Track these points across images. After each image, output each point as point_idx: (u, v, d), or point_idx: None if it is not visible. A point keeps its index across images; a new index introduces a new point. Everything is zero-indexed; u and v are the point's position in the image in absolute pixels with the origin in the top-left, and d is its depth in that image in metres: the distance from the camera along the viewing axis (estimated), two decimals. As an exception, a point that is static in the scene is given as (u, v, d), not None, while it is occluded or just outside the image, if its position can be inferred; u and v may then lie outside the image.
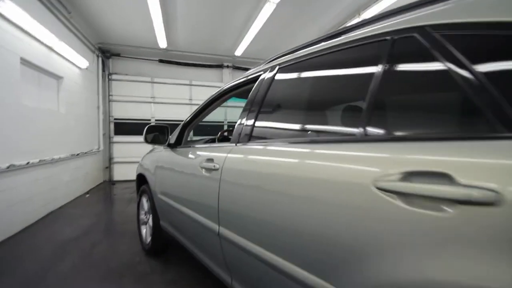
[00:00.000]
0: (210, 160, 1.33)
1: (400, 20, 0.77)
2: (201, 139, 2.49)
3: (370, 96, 0.74)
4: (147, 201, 2.35)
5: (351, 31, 0.95)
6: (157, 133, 1.93)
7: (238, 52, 5.72)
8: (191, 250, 1.59)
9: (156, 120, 6.08)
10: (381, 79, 0.73)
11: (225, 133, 2.32)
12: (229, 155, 1.20)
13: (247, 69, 6.72)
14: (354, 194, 0.65)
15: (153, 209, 2.16)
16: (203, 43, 5.50)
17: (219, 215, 1.19)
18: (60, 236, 2.71)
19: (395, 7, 0.89)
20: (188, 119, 1.90)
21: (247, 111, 1.25)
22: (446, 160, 0.52)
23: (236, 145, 1.23)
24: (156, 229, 2.14)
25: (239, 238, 1.04)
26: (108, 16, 4.38)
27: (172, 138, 1.97)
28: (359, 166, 0.67)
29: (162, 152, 2.08)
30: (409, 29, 0.72)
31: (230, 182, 1.14)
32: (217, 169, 1.23)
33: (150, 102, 6.06)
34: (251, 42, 5.13)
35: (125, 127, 5.91)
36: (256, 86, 1.28)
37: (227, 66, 6.60)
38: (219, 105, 1.78)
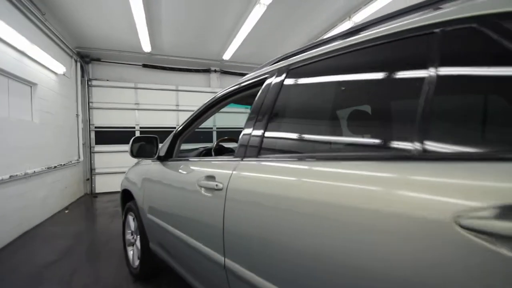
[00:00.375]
0: (211, 177, 1.14)
1: (449, 10, 0.63)
2: (192, 150, 2.29)
3: (425, 101, 0.58)
4: (133, 219, 2.11)
5: (382, 23, 0.80)
6: (144, 144, 1.72)
7: (226, 56, 5.55)
8: (188, 280, 1.38)
9: (141, 127, 5.78)
10: (437, 80, 0.58)
11: (218, 143, 2.13)
12: (235, 172, 1.02)
13: (235, 74, 6.60)
14: (425, 234, 0.49)
15: (141, 229, 1.93)
16: (189, 47, 5.29)
17: (224, 244, 1.00)
18: (35, 261, 2.41)
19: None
20: (180, 128, 1.71)
21: (253, 120, 1.07)
22: None
23: (242, 160, 1.05)
24: (145, 252, 1.91)
25: (254, 276, 0.86)
26: (87, 19, 4.10)
27: (162, 150, 1.76)
28: (428, 195, 0.51)
29: (150, 166, 1.86)
30: (465, 20, 0.58)
31: (238, 206, 0.95)
32: (220, 189, 1.04)
33: (134, 109, 5.76)
34: (240, 45, 4.98)
35: (107, 136, 5.57)
36: (262, 91, 1.11)
37: (215, 71, 6.41)
38: (215, 113, 1.60)
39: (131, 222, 2.17)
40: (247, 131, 1.09)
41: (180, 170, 1.47)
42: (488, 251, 0.42)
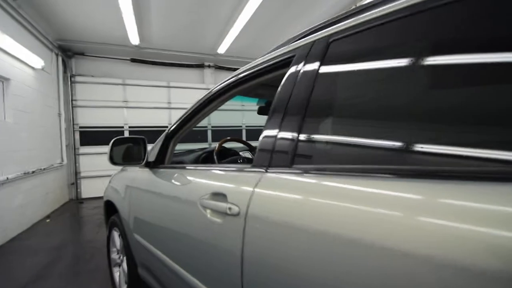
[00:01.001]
0: (220, 196, 0.81)
1: None
2: (188, 152, 1.95)
3: None
4: (119, 236, 1.77)
5: None
6: (129, 147, 1.38)
7: (222, 49, 5.19)
8: None
9: (130, 127, 5.38)
10: None
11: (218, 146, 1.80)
12: (258, 190, 0.70)
13: (231, 69, 6.23)
14: None
15: (127, 250, 1.60)
16: (181, 39, 4.91)
17: (243, 296, 0.68)
18: (3, 284, 2.04)
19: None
20: (173, 127, 1.37)
21: (279, 117, 0.75)
22: None
23: (267, 171, 0.72)
24: (133, 277, 1.58)
25: None
26: (68, 7, 3.69)
27: (152, 154, 1.42)
28: None
29: (137, 174, 1.52)
30: None
31: (267, 244, 0.63)
32: (236, 215, 0.72)
33: (123, 107, 5.36)
34: (237, 37, 4.63)
35: (93, 136, 5.15)
36: (290, 76, 0.78)
37: (209, 66, 6.04)
38: (217, 107, 1.27)
39: (116, 239, 1.83)
40: (270, 132, 0.77)
41: (174, 181, 1.14)
42: None
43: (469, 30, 0.47)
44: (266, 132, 0.78)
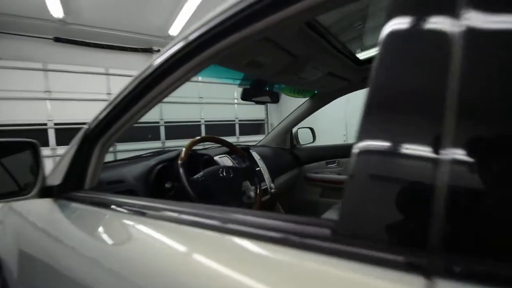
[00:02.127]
0: None
1: None
2: (127, 162, 1.24)
3: None
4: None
5: None
6: (3, 160, 0.70)
7: (173, 31, 4.41)
8: None
9: (56, 124, 4.27)
10: None
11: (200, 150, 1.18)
12: None
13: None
14: None
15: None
16: (121, 16, 4.00)
17: None
18: None
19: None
20: (98, 122, 0.73)
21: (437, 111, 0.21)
22: None
23: (432, 274, 0.18)
24: None
25: None
26: None
27: (57, 173, 0.76)
28: None
29: (33, 206, 0.83)
30: None
31: None
32: None
33: (45, 99, 4.22)
34: (192, 17, 3.92)
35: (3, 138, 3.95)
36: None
37: (159, 51, 5.16)
38: (187, 79, 0.65)
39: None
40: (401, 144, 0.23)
41: (106, 238, 0.52)
42: None
43: None
44: (362, 143, 0.23)
